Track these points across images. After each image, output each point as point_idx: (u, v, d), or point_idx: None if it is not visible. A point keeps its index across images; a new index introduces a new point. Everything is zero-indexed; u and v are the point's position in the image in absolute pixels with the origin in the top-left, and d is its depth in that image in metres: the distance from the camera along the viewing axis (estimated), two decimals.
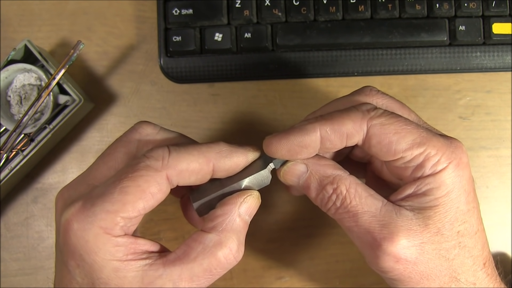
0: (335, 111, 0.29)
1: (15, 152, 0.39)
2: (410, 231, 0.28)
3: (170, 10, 0.41)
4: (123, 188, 0.26)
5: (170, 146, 0.28)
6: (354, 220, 0.28)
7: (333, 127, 0.28)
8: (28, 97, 0.40)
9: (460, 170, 0.28)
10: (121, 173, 0.27)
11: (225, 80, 0.42)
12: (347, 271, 0.42)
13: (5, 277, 0.42)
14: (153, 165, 0.27)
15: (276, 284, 0.41)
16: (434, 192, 0.28)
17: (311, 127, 0.28)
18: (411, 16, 0.41)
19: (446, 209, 0.28)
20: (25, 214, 0.42)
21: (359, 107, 0.29)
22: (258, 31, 0.41)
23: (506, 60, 0.41)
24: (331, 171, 0.29)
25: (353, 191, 0.29)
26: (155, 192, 0.27)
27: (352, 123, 0.28)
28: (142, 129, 0.29)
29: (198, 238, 0.27)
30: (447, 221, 0.28)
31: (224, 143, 0.29)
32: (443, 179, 0.28)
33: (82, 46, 0.38)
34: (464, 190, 0.28)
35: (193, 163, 0.27)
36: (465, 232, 0.28)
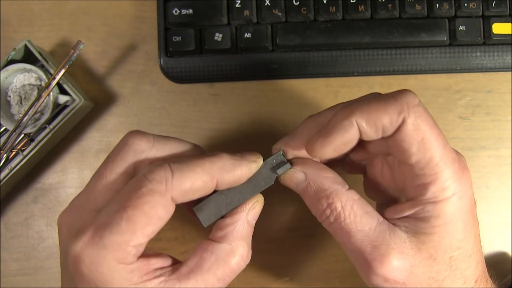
0: (372, 99, 0.28)
1: (15, 152, 0.39)
2: (402, 254, 0.28)
3: (170, 10, 0.41)
4: (129, 217, 0.25)
5: (171, 164, 0.27)
6: (347, 237, 0.28)
7: (369, 120, 0.27)
8: (28, 97, 0.40)
9: (462, 203, 0.28)
10: (125, 200, 0.26)
11: (225, 80, 0.42)
12: (347, 271, 0.42)
13: (5, 277, 0.42)
14: (157, 189, 0.26)
15: (276, 284, 0.41)
16: (431, 220, 0.27)
17: (349, 123, 0.27)
18: (411, 16, 0.41)
19: (441, 237, 0.28)
20: (25, 214, 0.42)
21: (399, 98, 0.27)
22: (258, 31, 0.41)
23: (506, 60, 0.41)
24: (329, 184, 0.29)
25: (349, 208, 0.28)
26: (162, 215, 0.26)
27: (389, 117, 0.27)
28: (135, 145, 0.28)
29: (210, 249, 0.28)
30: (441, 248, 0.28)
31: (226, 156, 0.28)
32: (443, 210, 0.27)
33: (82, 46, 0.38)
34: (463, 221, 0.28)
35: (197, 181, 0.27)
36: (459, 257, 0.28)
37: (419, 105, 0.27)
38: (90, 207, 0.27)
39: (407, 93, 0.27)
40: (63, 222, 0.28)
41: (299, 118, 0.42)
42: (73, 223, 0.27)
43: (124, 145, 0.28)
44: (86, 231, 0.26)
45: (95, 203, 0.27)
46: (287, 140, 0.31)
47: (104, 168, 0.28)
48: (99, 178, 0.27)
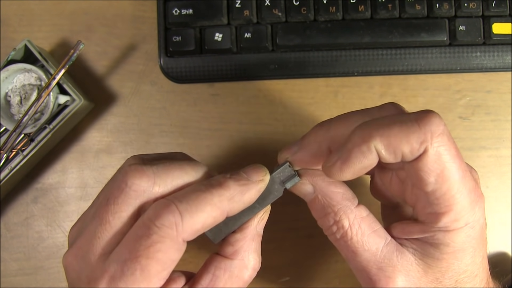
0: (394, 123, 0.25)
1: (15, 152, 0.39)
2: (408, 276, 0.27)
3: (170, 10, 0.41)
4: (144, 267, 0.24)
5: (179, 205, 0.25)
6: (352, 256, 0.28)
7: (389, 147, 0.25)
8: (28, 97, 0.40)
9: (474, 231, 0.27)
10: (135, 248, 0.25)
11: (225, 80, 0.42)
12: (347, 271, 0.42)
13: (5, 277, 0.42)
14: (167, 235, 0.25)
15: (276, 284, 0.41)
16: (441, 248, 0.27)
17: (367, 148, 0.25)
18: (411, 16, 0.41)
19: (449, 263, 0.27)
20: (25, 214, 0.42)
21: (422, 124, 0.25)
22: (258, 31, 0.41)
23: (506, 60, 0.41)
24: (337, 200, 0.28)
25: (356, 227, 0.27)
26: (176, 258, 0.26)
27: (409, 147, 0.25)
28: (136, 186, 0.26)
29: (222, 266, 0.27)
30: (448, 273, 0.27)
31: (233, 183, 0.27)
32: (453, 239, 0.26)
33: (82, 46, 0.38)
34: (472, 247, 0.27)
35: (207, 220, 0.26)
36: (465, 279, 0.28)
37: (443, 134, 0.25)
38: (97, 252, 0.26)
39: (432, 118, 0.25)
40: (70, 267, 0.27)
41: (299, 118, 0.42)
42: (81, 269, 0.26)
43: (124, 187, 0.26)
44: (99, 281, 0.25)
45: (102, 249, 0.26)
46: (294, 151, 0.29)
47: (106, 212, 0.26)
48: (102, 223, 0.26)
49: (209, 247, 0.42)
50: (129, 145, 0.42)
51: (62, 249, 0.42)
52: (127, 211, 0.26)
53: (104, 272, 0.25)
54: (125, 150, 0.42)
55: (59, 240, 0.42)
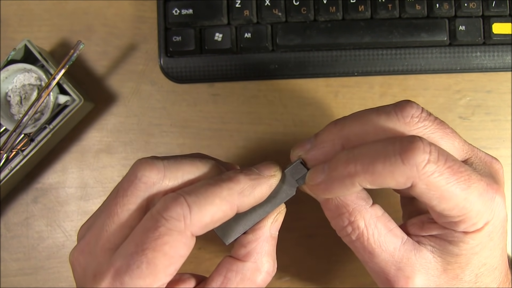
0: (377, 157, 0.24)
1: (15, 152, 0.39)
2: (427, 275, 0.27)
3: (170, 10, 0.41)
4: (150, 260, 0.24)
5: (187, 198, 0.25)
6: (370, 257, 0.27)
7: (373, 182, 0.25)
8: (28, 97, 0.40)
9: (494, 227, 0.26)
10: (142, 241, 0.24)
11: (225, 80, 0.42)
12: (347, 271, 0.42)
13: (5, 277, 0.42)
14: (175, 228, 0.24)
15: (276, 284, 0.41)
16: (460, 245, 0.26)
17: (350, 183, 0.25)
18: (411, 16, 0.41)
19: (469, 259, 0.27)
20: (25, 214, 0.42)
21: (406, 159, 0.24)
22: (258, 31, 0.41)
23: (506, 60, 0.41)
24: (352, 199, 0.27)
25: (372, 227, 0.27)
26: (184, 253, 0.25)
27: (395, 182, 0.24)
28: (145, 178, 0.26)
29: (234, 268, 0.27)
30: (468, 268, 0.27)
31: (243, 177, 0.26)
32: (473, 237, 0.26)
33: (82, 46, 0.38)
34: (491, 240, 0.27)
35: (217, 213, 0.25)
36: (485, 272, 0.27)
37: (429, 162, 0.24)
38: (104, 246, 0.26)
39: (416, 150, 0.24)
40: (76, 263, 0.26)
41: (299, 118, 0.42)
42: (87, 265, 0.26)
43: (134, 179, 0.26)
44: (104, 275, 0.25)
45: (109, 242, 0.26)
46: (307, 148, 0.28)
47: (115, 204, 0.26)
48: (110, 216, 0.26)
49: (210, 247, 0.42)
50: (129, 145, 0.42)
51: (62, 249, 0.42)
52: (136, 204, 0.26)
53: (110, 266, 0.25)
54: (125, 150, 0.42)
55: (59, 240, 0.42)
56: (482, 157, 0.28)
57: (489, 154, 0.29)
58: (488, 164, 0.28)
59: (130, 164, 0.42)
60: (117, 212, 0.26)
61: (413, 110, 0.27)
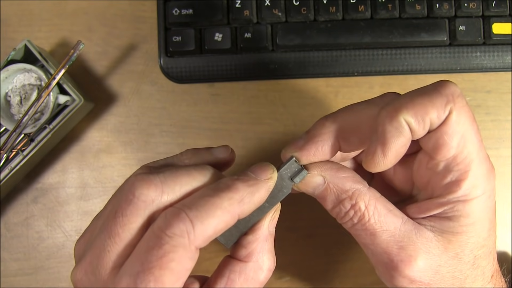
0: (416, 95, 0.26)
1: (15, 152, 0.39)
2: (429, 254, 0.27)
3: (170, 10, 0.41)
4: (157, 278, 0.24)
5: (189, 213, 0.24)
6: (371, 238, 0.27)
7: (417, 117, 0.25)
8: (28, 97, 0.40)
9: (490, 201, 0.27)
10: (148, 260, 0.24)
11: (225, 80, 0.42)
12: (347, 271, 0.42)
13: (5, 277, 0.42)
14: (179, 244, 0.24)
15: (276, 284, 0.41)
16: (460, 220, 0.27)
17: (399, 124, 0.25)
18: (411, 16, 0.41)
19: (468, 236, 0.27)
20: (25, 214, 0.42)
21: (442, 89, 0.26)
22: (258, 31, 0.41)
23: (506, 60, 0.41)
24: (350, 184, 0.28)
25: (372, 208, 0.27)
26: (189, 266, 0.25)
27: (436, 111, 0.25)
28: (144, 196, 0.25)
29: (237, 269, 0.27)
30: (467, 248, 0.27)
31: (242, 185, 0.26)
32: (473, 209, 0.27)
33: (82, 46, 0.38)
34: (489, 220, 0.28)
35: (219, 225, 0.25)
36: (482, 255, 0.28)
37: (461, 96, 0.26)
38: (107, 266, 0.25)
39: (449, 83, 0.26)
40: (79, 284, 0.26)
41: (299, 118, 0.42)
42: (91, 285, 0.25)
43: (132, 198, 0.25)
44: None
45: (112, 262, 0.25)
46: (300, 145, 0.29)
47: (114, 224, 0.25)
48: (111, 236, 0.25)
49: (210, 247, 0.42)
50: (129, 145, 0.42)
51: (62, 249, 0.42)
52: (137, 223, 0.25)
53: (116, 286, 0.24)
54: (125, 150, 0.42)
55: (59, 240, 0.42)
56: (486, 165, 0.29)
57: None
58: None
59: (130, 164, 0.42)
60: (118, 232, 0.25)
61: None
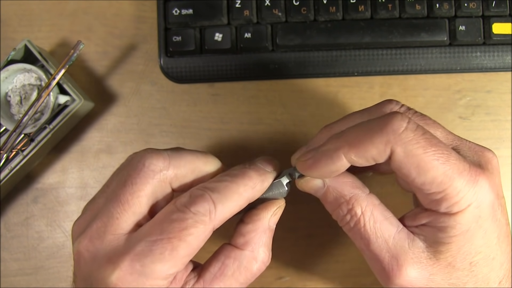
0: (360, 131, 0.27)
1: (15, 152, 0.39)
2: (420, 264, 0.27)
3: (170, 10, 0.41)
4: (174, 248, 0.26)
5: (212, 195, 0.27)
6: (366, 244, 0.28)
7: (357, 153, 0.27)
8: (28, 97, 0.40)
9: (480, 210, 0.27)
10: (168, 230, 0.26)
11: (225, 80, 0.42)
12: (347, 271, 0.42)
13: (5, 277, 0.42)
14: (201, 221, 0.26)
15: (276, 284, 0.41)
16: (448, 230, 0.27)
17: (336, 156, 0.27)
18: (411, 16, 0.41)
19: (459, 246, 0.27)
20: (25, 214, 0.42)
21: (385, 125, 0.26)
22: (258, 31, 0.41)
23: (506, 60, 0.41)
24: (348, 189, 0.29)
25: (368, 214, 0.28)
26: (202, 244, 0.27)
27: (376, 150, 0.26)
28: (153, 166, 0.27)
29: (232, 255, 0.28)
30: (459, 256, 0.27)
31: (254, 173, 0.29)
32: (459, 221, 0.27)
33: (82, 46, 0.38)
34: (481, 227, 0.27)
35: (235, 208, 0.28)
36: (480, 261, 0.28)
37: (407, 129, 0.26)
38: (116, 232, 0.27)
39: (393, 119, 0.26)
40: (84, 250, 0.27)
41: (299, 118, 0.42)
42: (98, 250, 0.27)
43: (142, 167, 0.27)
44: (122, 257, 0.26)
45: (121, 229, 0.27)
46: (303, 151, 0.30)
47: (124, 193, 0.27)
48: (120, 203, 0.27)
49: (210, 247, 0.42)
50: (129, 145, 0.42)
51: (62, 249, 0.42)
52: (145, 191, 0.27)
53: (128, 250, 0.26)
54: (125, 150, 0.42)
55: (59, 240, 0.42)
56: (471, 147, 0.29)
57: (481, 145, 0.30)
58: (479, 153, 0.29)
59: None
60: (127, 199, 0.27)
61: (392, 105, 0.29)
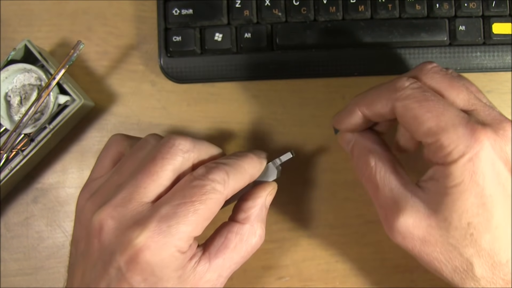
0: (373, 90, 0.32)
1: (15, 152, 0.39)
2: (418, 212, 0.29)
3: (170, 10, 0.41)
4: (196, 211, 0.28)
5: (225, 167, 0.30)
6: (375, 192, 0.31)
7: (368, 107, 0.32)
8: (28, 97, 0.40)
9: (473, 166, 0.27)
10: (191, 195, 0.28)
11: (225, 80, 0.42)
12: (347, 271, 0.42)
13: (5, 277, 0.42)
14: (218, 188, 0.29)
15: (276, 284, 0.41)
16: (443, 181, 0.28)
17: (354, 110, 0.33)
18: (411, 16, 0.41)
19: (453, 199, 0.28)
20: (25, 214, 0.42)
21: (391, 85, 0.30)
22: (258, 31, 0.41)
23: (506, 60, 0.41)
24: (369, 144, 0.33)
25: (380, 165, 0.31)
26: (217, 211, 0.30)
27: (380, 103, 0.31)
28: (182, 146, 0.30)
29: (235, 230, 0.31)
30: (455, 211, 0.28)
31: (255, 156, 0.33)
32: (450, 171, 0.28)
33: (82, 46, 0.38)
34: (477, 186, 0.27)
35: (242, 182, 0.31)
36: (478, 225, 0.28)
37: (406, 88, 0.30)
38: (142, 200, 0.29)
39: (398, 80, 0.30)
40: (109, 217, 0.28)
41: (299, 118, 0.42)
42: (124, 216, 0.28)
43: (171, 145, 0.30)
44: (149, 220, 0.28)
45: (147, 197, 0.29)
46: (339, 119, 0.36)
47: (154, 165, 0.30)
48: (150, 174, 0.29)
49: None
50: None
51: (62, 249, 0.42)
52: (173, 165, 0.30)
53: (154, 213, 0.28)
54: None
55: (59, 240, 0.42)
56: (491, 114, 0.30)
57: (503, 116, 0.30)
58: (495, 120, 0.29)
59: None
60: (156, 171, 0.29)
61: (428, 65, 0.32)
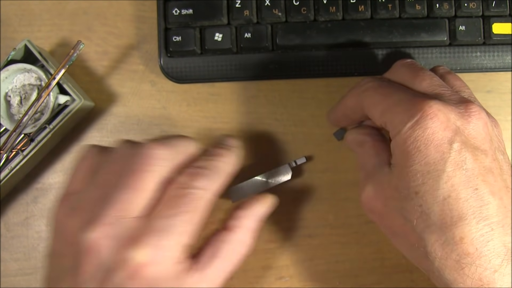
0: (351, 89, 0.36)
1: (15, 152, 0.39)
2: (379, 184, 0.31)
3: (170, 10, 0.41)
4: (188, 220, 0.29)
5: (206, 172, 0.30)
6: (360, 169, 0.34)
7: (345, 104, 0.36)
8: (28, 97, 0.40)
9: (413, 132, 0.29)
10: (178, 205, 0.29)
11: (225, 80, 0.42)
12: (347, 271, 0.42)
13: (5, 277, 0.42)
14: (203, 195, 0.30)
15: (276, 284, 0.41)
16: (394, 153, 0.31)
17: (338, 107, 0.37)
18: (411, 16, 0.41)
19: (401, 167, 0.29)
20: (25, 214, 0.42)
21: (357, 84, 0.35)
22: (258, 31, 0.41)
23: (506, 60, 0.41)
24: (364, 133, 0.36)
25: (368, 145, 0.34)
26: (206, 215, 0.30)
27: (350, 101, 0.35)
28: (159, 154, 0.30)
29: (225, 239, 0.31)
30: (402, 179, 0.29)
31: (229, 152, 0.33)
32: (397, 141, 0.30)
33: (82, 46, 0.38)
34: (420, 153, 0.28)
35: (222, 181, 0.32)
36: (426, 194, 0.28)
37: (368, 82, 0.33)
38: (132, 215, 0.28)
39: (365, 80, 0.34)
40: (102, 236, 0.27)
41: (299, 118, 0.42)
42: (118, 234, 0.28)
43: (149, 157, 0.29)
44: (145, 236, 0.28)
45: (136, 212, 0.29)
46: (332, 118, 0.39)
47: (136, 179, 0.29)
48: (134, 189, 0.29)
49: None
50: None
51: None
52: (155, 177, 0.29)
53: (148, 227, 0.28)
54: None
55: None
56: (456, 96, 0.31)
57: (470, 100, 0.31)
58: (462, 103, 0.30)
59: None
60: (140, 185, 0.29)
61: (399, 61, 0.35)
